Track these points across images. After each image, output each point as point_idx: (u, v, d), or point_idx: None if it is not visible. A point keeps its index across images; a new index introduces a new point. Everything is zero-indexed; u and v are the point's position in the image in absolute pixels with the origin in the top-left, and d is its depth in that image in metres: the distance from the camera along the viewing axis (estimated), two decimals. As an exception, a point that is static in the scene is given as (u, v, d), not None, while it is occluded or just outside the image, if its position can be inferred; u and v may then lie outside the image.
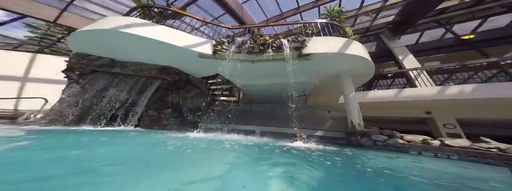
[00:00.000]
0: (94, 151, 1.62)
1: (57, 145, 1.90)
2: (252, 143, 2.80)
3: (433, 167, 1.88)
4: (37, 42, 7.15)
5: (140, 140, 2.61)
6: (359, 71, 4.09)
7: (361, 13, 7.73)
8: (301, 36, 3.78)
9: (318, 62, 3.78)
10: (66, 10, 5.78)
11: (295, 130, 3.72)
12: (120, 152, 1.71)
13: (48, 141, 2.11)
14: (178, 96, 4.95)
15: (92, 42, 3.84)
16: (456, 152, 2.27)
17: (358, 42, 3.73)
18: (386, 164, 1.90)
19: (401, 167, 1.80)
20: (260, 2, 7.41)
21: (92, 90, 4.34)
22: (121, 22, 3.41)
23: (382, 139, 2.93)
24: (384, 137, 2.94)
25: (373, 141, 2.99)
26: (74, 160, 1.27)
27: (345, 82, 4.08)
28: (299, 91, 5.07)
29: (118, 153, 1.65)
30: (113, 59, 4.50)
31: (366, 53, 3.77)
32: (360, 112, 3.67)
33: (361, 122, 3.52)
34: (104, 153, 1.59)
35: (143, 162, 1.36)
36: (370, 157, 2.22)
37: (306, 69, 4.08)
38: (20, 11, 5.16)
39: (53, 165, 1.12)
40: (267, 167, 1.45)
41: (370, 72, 4.22)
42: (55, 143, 2.00)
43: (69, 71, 4.45)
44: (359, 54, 3.52)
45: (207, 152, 1.96)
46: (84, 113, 4.13)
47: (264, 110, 5.07)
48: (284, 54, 3.56)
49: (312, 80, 4.74)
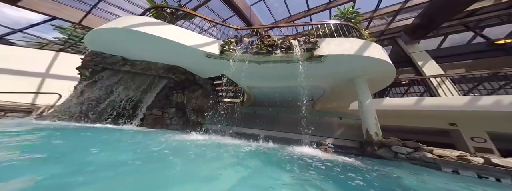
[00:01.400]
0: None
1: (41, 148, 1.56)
2: (261, 149, 2.54)
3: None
4: (62, 42, 7.74)
5: (137, 143, 2.28)
6: (377, 75, 3.75)
7: (375, 16, 7.37)
8: (312, 37, 3.58)
9: (331, 64, 3.52)
10: (90, 13, 6.22)
11: (303, 136, 3.42)
12: (110, 156, 1.45)
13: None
14: (183, 95, 4.91)
15: (106, 41, 3.98)
16: (509, 173, 1.82)
17: (377, 44, 3.43)
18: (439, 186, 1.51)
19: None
20: (268, 5, 7.41)
21: (101, 87, 4.45)
22: (133, 21, 3.50)
23: (406, 151, 2.55)
24: (408, 150, 2.56)
25: (393, 153, 2.63)
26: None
27: (360, 87, 3.75)
28: (306, 95, 4.80)
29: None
30: (124, 57, 4.63)
31: (387, 56, 3.44)
32: (378, 121, 3.28)
33: (379, 131, 3.15)
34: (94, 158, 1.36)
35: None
36: (410, 177, 1.78)
37: (317, 72, 3.83)
38: (50, 13, 5.63)
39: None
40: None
41: (390, 77, 3.86)
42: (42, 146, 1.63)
43: (82, 68, 4.64)
44: (380, 57, 3.23)
45: (208, 164, 1.51)
46: (91, 109, 4.20)
47: (269, 114, 4.84)
48: (294, 55, 3.37)
49: (322, 84, 4.45)
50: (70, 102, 4.22)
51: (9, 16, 11.66)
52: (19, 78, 5.77)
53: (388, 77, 3.86)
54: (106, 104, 4.27)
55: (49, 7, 5.59)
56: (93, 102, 4.29)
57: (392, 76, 3.81)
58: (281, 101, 5.40)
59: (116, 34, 3.64)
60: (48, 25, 7.00)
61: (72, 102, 4.21)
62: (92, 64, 4.57)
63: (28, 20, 6.36)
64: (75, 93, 4.42)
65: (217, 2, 6.44)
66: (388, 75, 3.79)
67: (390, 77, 3.88)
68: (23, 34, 7.02)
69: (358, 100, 3.69)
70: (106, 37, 3.81)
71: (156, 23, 3.63)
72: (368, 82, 3.80)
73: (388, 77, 3.89)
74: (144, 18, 3.66)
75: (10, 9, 7.63)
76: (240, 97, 5.45)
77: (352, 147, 3.45)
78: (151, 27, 3.52)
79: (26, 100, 5.62)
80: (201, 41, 3.83)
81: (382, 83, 4.18)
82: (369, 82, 3.81)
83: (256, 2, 7.20)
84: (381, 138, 3.05)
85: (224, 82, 4.94)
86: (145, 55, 4.46)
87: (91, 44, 4.30)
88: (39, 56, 6.27)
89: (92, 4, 6.12)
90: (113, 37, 3.77)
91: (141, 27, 3.45)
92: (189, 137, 3.13)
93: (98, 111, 4.17)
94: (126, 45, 4.03)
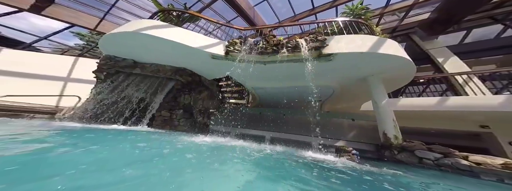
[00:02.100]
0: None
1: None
2: (271, 152, 2.41)
3: None
4: (81, 47, 8.33)
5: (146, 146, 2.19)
6: (394, 74, 3.51)
7: (386, 12, 6.97)
8: (320, 35, 3.45)
9: (341, 63, 3.36)
10: (104, 19, 6.62)
11: (312, 138, 3.28)
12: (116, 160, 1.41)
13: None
14: (189, 97, 5.00)
15: (118, 45, 4.18)
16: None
17: (393, 41, 3.21)
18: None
19: None
20: (272, 5, 7.35)
21: (114, 90, 4.68)
22: (142, 25, 3.64)
23: (433, 157, 2.32)
24: (436, 155, 2.32)
25: (417, 158, 2.40)
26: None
27: (375, 87, 3.53)
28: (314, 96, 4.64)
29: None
30: (135, 60, 4.84)
31: (404, 53, 3.21)
32: (396, 123, 3.05)
33: (399, 134, 2.92)
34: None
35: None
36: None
37: (326, 71, 3.68)
38: (69, 20, 6.09)
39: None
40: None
41: (409, 75, 3.60)
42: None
43: (98, 72, 4.92)
44: (397, 53, 3.01)
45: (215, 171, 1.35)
46: (106, 111, 4.43)
47: (275, 115, 4.74)
48: (301, 54, 3.27)
49: (332, 83, 4.26)
50: (87, 104, 4.49)
51: (36, 25, 13.03)
52: (45, 82, 6.29)
53: (406, 75, 3.60)
54: (119, 106, 4.48)
55: (68, 15, 6.05)
56: (107, 104, 4.52)
57: (412, 74, 3.54)
58: (287, 101, 5.28)
59: (126, 38, 3.81)
60: (68, 32, 7.58)
61: (89, 104, 4.48)
62: (106, 68, 4.83)
63: (52, 29, 6.93)
64: (91, 96, 4.70)
65: (221, 4, 6.53)
66: (407, 73, 3.53)
67: (409, 75, 3.61)
68: (48, 41, 7.67)
69: (372, 100, 3.47)
70: (117, 41, 4.00)
71: (163, 26, 3.73)
72: (384, 81, 3.56)
73: (407, 75, 3.62)
74: (152, 21, 3.79)
75: (37, 19, 8.33)
76: (245, 98, 5.44)
77: (367, 150, 3.24)
78: (159, 30, 3.64)
79: (51, 102, 6.11)
80: (206, 42, 3.87)
81: (399, 82, 3.90)
82: (384, 81, 3.57)
83: (260, 2, 7.19)
84: (402, 141, 2.82)
85: (229, 84, 4.96)
86: (154, 58, 4.62)
87: (105, 49, 4.55)
88: (61, 62, 6.80)
89: (105, 11, 6.50)
90: (124, 40, 3.94)
91: (149, 30, 3.57)
92: (192, 140, 3.10)
93: (112, 112, 4.39)
94: (136, 48, 4.20)
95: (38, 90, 5.82)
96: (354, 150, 2.72)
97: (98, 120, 4.15)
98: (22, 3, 5.71)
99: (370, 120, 3.63)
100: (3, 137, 1.70)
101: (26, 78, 6.04)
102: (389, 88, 4.14)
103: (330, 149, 3.31)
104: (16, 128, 2.52)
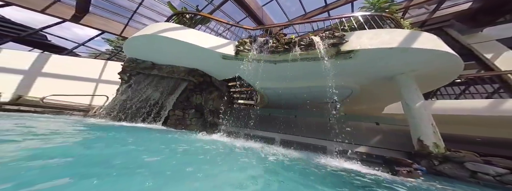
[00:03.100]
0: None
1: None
2: (284, 158, 2.19)
3: None
4: (110, 52, 9.33)
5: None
6: (432, 72, 3.06)
7: (412, 5, 6.21)
8: (337, 31, 3.20)
9: (362, 60, 3.05)
10: (128, 25, 7.29)
11: (328, 142, 3.04)
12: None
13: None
14: (201, 97, 5.14)
15: (139, 47, 4.53)
16: None
17: (430, 34, 2.79)
18: None
19: None
20: (280, 4, 7.17)
21: (135, 90, 5.07)
22: (159, 27, 3.89)
23: (495, 172, 1.89)
24: (499, 170, 1.89)
25: (469, 171, 2.00)
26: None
27: (406, 86, 3.12)
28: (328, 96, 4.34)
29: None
30: (153, 62, 5.18)
31: (447, 47, 2.76)
32: (437, 129, 2.63)
33: (440, 142, 2.52)
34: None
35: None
36: None
37: (344, 70, 3.39)
38: (100, 27, 6.87)
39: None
40: None
41: (452, 73, 3.12)
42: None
43: (122, 73, 5.40)
44: (439, 48, 2.60)
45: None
46: (127, 110, 4.83)
47: (286, 116, 4.55)
48: (316, 52, 3.07)
49: (350, 83, 3.92)
50: (113, 104, 4.96)
51: (77, 34, 15.70)
52: (81, 83, 7.20)
53: (449, 73, 3.10)
54: (139, 105, 4.84)
55: (100, 23, 6.82)
56: (129, 103, 4.93)
57: (457, 71, 3.04)
58: (298, 103, 5.04)
59: (146, 40, 4.09)
60: (101, 38, 8.58)
61: (114, 104, 4.94)
62: (129, 69, 5.28)
63: (89, 37, 7.91)
64: (116, 95, 5.18)
65: (230, 6, 6.65)
66: (450, 71, 3.03)
67: (453, 73, 3.11)
68: (85, 47, 8.78)
69: (402, 102, 3.07)
70: (138, 44, 4.33)
71: (178, 28, 3.92)
72: (417, 80, 3.11)
73: (450, 73, 3.12)
74: (168, 24, 4.02)
75: (77, 28, 9.54)
76: (254, 98, 5.37)
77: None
78: (173, 32, 3.83)
79: (86, 101, 6.94)
80: (217, 43, 3.94)
81: (438, 81, 3.38)
82: (418, 80, 3.11)
83: (268, 2, 7.09)
84: (444, 150, 2.41)
85: (238, 84, 4.96)
86: (169, 60, 4.88)
87: (128, 51, 4.98)
88: (94, 65, 7.70)
89: (129, 17, 7.17)
90: (144, 43, 4.24)
91: (164, 33, 3.78)
92: (199, 139, 3.15)
93: (132, 111, 4.76)
94: (154, 50, 4.49)
95: (75, 90, 6.67)
96: (416, 164, 2.24)
97: (122, 118, 4.53)
98: (65, 14, 6.65)
99: (397, 124, 3.21)
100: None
101: (67, 79, 6.98)
102: (423, 89, 3.62)
103: (350, 155, 3.03)
104: (67, 124, 2.80)
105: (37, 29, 7.60)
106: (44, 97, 5.76)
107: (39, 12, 6.28)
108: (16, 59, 6.35)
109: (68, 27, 18.48)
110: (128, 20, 7.28)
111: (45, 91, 6.03)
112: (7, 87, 5.95)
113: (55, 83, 6.72)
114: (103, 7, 7.02)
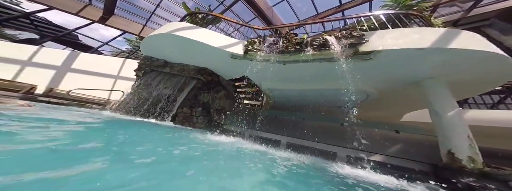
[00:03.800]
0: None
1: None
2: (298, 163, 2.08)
3: None
4: (128, 51, 10.00)
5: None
6: (473, 77, 2.67)
7: (443, 3, 5.59)
8: (354, 30, 2.97)
9: (385, 62, 2.78)
10: (146, 25, 7.74)
11: (338, 148, 2.80)
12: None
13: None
14: (208, 96, 5.17)
15: (154, 46, 4.74)
16: None
17: (473, 33, 2.41)
18: None
19: None
20: (291, 5, 7.00)
21: (148, 86, 5.30)
22: (173, 27, 4.02)
23: None
24: None
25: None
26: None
27: (436, 93, 2.77)
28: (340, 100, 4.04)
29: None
30: (166, 60, 5.38)
31: (495, 47, 2.36)
32: (474, 141, 2.26)
33: (477, 156, 2.17)
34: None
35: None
36: None
37: (361, 73, 3.10)
38: (122, 28, 7.39)
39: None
40: None
41: (499, 79, 2.69)
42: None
43: (138, 70, 5.70)
44: (487, 49, 2.22)
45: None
46: (140, 105, 5.05)
47: (293, 119, 4.35)
48: (331, 52, 2.88)
49: (367, 87, 3.60)
50: (127, 99, 5.24)
51: (102, 34, 17.44)
52: (101, 79, 7.79)
53: (495, 79, 2.66)
54: (151, 101, 5.04)
55: (122, 24, 7.34)
56: (142, 99, 5.16)
57: (506, 77, 2.61)
58: (306, 105, 4.79)
59: (161, 39, 4.26)
60: (121, 38, 9.25)
61: (129, 99, 5.21)
62: (144, 67, 5.55)
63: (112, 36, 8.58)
64: (131, 91, 5.47)
65: (240, 6, 6.68)
66: (497, 76, 2.61)
67: (499, 79, 2.67)
68: (109, 46, 9.53)
69: (430, 110, 2.71)
70: (154, 42, 4.52)
71: (190, 27, 4.01)
72: (450, 86, 2.72)
73: (496, 79, 2.68)
74: (181, 23, 4.14)
75: (103, 30, 10.42)
76: (259, 99, 5.25)
77: (417, 170, 2.54)
78: (186, 31, 3.92)
79: (104, 95, 7.49)
80: (227, 42, 3.93)
81: (477, 88, 2.95)
82: (450, 86, 2.73)
83: (278, 2, 6.98)
84: (482, 165, 2.06)
85: (244, 84, 4.89)
86: (180, 58, 5.02)
87: (144, 50, 5.25)
88: (115, 62, 8.29)
89: (147, 18, 7.61)
90: (159, 42, 4.41)
91: (178, 32, 3.89)
92: (206, 138, 3.13)
93: (144, 107, 4.97)
94: (167, 48, 4.65)
95: (96, 85, 7.22)
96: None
97: (135, 113, 4.74)
98: (94, 16, 7.32)
99: (421, 134, 2.85)
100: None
101: (90, 75, 7.61)
102: (458, 95, 3.17)
103: (364, 162, 2.75)
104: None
105: (70, 30, 8.48)
106: (70, 91, 6.33)
107: (74, 14, 6.99)
108: (52, 56, 7.10)
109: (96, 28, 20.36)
110: (146, 20, 7.74)
111: (72, 85, 6.63)
112: (41, 81, 6.65)
113: (80, 78, 7.37)
114: (125, 9, 7.58)
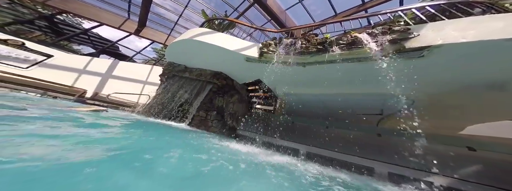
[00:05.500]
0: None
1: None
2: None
3: None
4: (155, 59, 11.11)
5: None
6: None
7: None
8: (394, 25, 2.52)
9: (444, 60, 2.23)
10: (170, 35, 8.47)
11: (377, 164, 2.31)
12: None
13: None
14: (223, 100, 5.17)
15: (176, 52, 5.06)
16: None
17: None
18: None
19: None
20: (306, 7, 6.65)
21: (169, 91, 5.63)
22: (193, 33, 4.24)
23: None
24: None
25: None
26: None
27: None
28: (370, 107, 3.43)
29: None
30: (186, 66, 5.67)
31: None
32: None
33: None
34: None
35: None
36: None
37: (406, 74, 2.53)
38: (151, 38, 8.26)
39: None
40: None
41: None
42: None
43: (162, 76, 6.16)
44: None
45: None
46: (162, 109, 5.38)
47: (313, 126, 3.91)
48: (365, 50, 2.49)
49: (412, 91, 2.94)
50: (152, 102, 5.67)
51: (137, 46, 20.13)
52: (133, 84, 8.78)
53: None
54: (171, 105, 5.32)
55: (151, 34, 8.23)
56: (163, 103, 5.50)
57: None
58: (326, 112, 4.26)
59: (183, 44, 4.53)
60: (150, 48, 10.40)
61: (153, 102, 5.63)
62: (167, 72, 5.96)
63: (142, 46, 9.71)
64: (155, 95, 5.91)
65: (252, 12, 6.68)
66: None
67: None
68: (141, 55, 10.80)
69: None
70: (176, 49, 4.82)
71: (207, 32, 4.18)
72: None
73: None
74: (200, 29, 4.36)
75: (138, 42, 11.92)
76: (272, 104, 4.96)
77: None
78: (204, 36, 4.09)
79: (134, 99, 8.38)
80: (242, 45, 3.89)
81: None
82: None
83: (291, 6, 6.74)
84: None
85: (257, 88, 4.72)
86: (198, 63, 5.22)
87: (168, 56, 5.67)
88: (144, 69, 9.29)
89: (171, 27, 8.34)
90: (181, 47, 4.68)
91: (197, 37, 4.08)
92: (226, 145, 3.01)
93: (166, 110, 5.27)
94: (187, 53, 4.87)
95: (128, 89, 8.14)
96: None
97: (158, 116, 5.07)
98: (131, 29, 8.43)
99: (499, 151, 2.12)
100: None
101: (124, 80, 8.65)
102: None
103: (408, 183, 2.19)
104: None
105: (114, 42, 9.97)
106: (109, 95, 7.28)
107: (117, 28, 8.19)
108: (99, 65, 8.38)
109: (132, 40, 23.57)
110: (170, 30, 8.49)
111: (111, 89, 7.64)
112: (90, 86, 7.86)
113: (117, 83, 8.44)
114: (154, 21, 8.52)
